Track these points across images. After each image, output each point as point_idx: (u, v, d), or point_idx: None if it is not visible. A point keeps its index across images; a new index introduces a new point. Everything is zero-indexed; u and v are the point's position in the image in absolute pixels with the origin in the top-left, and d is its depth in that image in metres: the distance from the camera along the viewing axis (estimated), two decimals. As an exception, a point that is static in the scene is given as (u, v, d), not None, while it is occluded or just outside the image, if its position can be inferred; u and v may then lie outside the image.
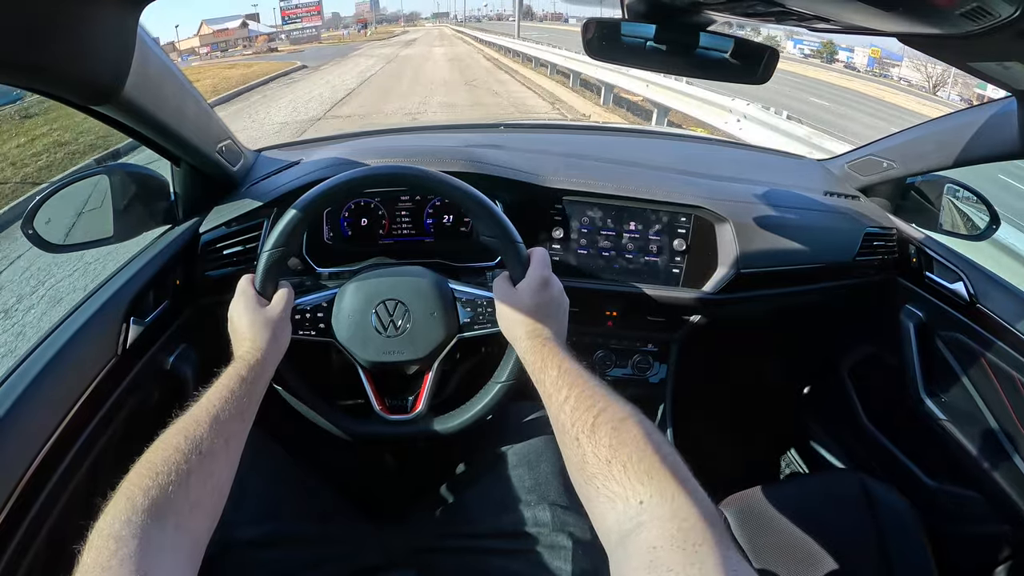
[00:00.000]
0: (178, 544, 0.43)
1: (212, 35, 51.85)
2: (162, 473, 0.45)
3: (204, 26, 52.98)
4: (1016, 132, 0.81)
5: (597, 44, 0.74)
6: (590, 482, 0.45)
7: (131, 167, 0.86)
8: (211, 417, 0.51)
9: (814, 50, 34.35)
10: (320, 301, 0.75)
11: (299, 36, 52.31)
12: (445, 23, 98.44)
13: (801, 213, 1.06)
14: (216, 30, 52.52)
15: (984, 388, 0.96)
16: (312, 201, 0.69)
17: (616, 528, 0.41)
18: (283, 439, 0.77)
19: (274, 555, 0.64)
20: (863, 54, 31.87)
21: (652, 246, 1.02)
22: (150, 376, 0.80)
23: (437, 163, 0.90)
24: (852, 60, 32.98)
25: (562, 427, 0.52)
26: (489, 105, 10.52)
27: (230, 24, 53.87)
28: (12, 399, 0.59)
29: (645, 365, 1.17)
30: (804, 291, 1.08)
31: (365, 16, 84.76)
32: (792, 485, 1.17)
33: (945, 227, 1.08)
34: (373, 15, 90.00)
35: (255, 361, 0.61)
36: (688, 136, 2.54)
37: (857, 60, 32.38)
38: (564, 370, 0.56)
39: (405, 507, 0.84)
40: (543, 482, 0.73)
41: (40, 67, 0.45)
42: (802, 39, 34.11)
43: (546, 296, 0.65)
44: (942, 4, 0.40)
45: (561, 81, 12.40)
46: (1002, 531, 0.96)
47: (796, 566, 0.82)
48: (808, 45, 34.45)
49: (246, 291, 0.67)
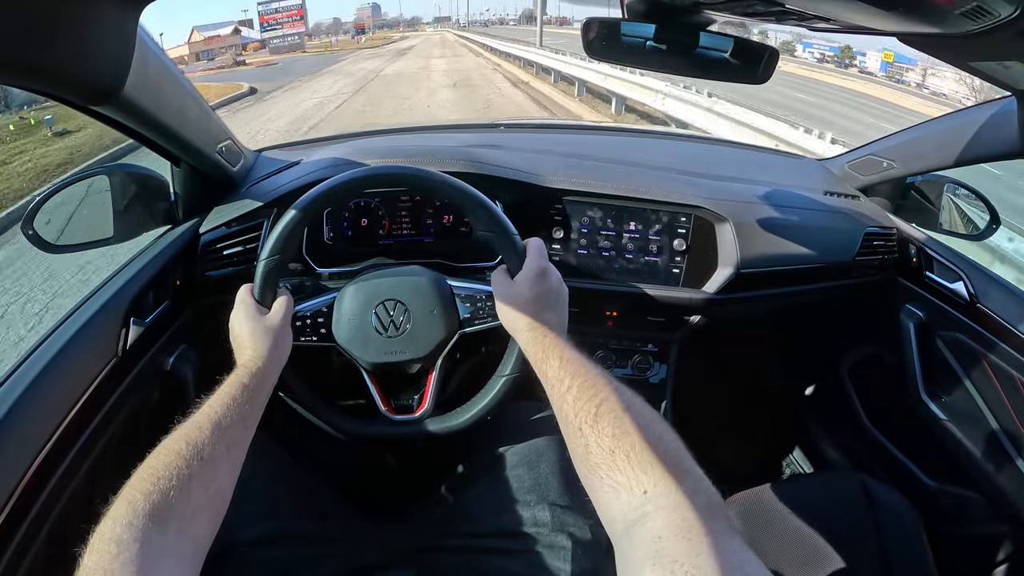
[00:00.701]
0: (179, 549, 0.43)
1: (203, 43, 47.38)
2: (164, 478, 0.45)
3: (195, 33, 49.12)
4: (1016, 132, 0.81)
5: (597, 44, 0.74)
6: (594, 472, 0.45)
7: (131, 167, 0.86)
8: (213, 423, 0.51)
9: (826, 54, 33.72)
10: (320, 306, 0.75)
11: (280, 45, 45.96)
12: (447, 28, 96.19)
13: (801, 213, 1.06)
14: (207, 37, 48.52)
15: (984, 388, 0.96)
16: (309, 204, 0.69)
17: (621, 518, 0.41)
18: (284, 439, 0.77)
19: (274, 554, 0.64)
20: (875, 58, 31.34)
21: (652, 246, 1.02)
22: (150, 377, 0.80)
23: (437, 163, 0.90)
24: (864, 64, 32.37)
25: (565, 417, 0.52)
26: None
27: (222, 31, 49.93)
28: (12, 400, 0.59)
29: (645, 365, 1.17)
30: (804, 291, 1.08)
31: (364, 21, 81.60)
32: (792, 485, 1.17)
33: (945, 227, 1.08)
34: (371, 20, 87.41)
35: (257, 369, 0.60)
36: (688, 136, 2.54)
37: (870, 64, 31.79)
38: (566, 360, 0.56)
39: (405, 506, 0.84)
40: (543, 482, 0.72)
41: (40, 67, 0.45)
42: (811, 42, 33.61)
43: (544, 286, 0.65)
44: (942, 3, 0.40)
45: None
46: (1002, 531, 0.96)
47: (796, 566, 0.82)
48: (819, 49, 33.83)
49: (245, 300, 0.67)
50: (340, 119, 10.38)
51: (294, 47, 45.65)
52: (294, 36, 48.92)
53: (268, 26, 50.88)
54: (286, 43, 46.86)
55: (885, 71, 28.88)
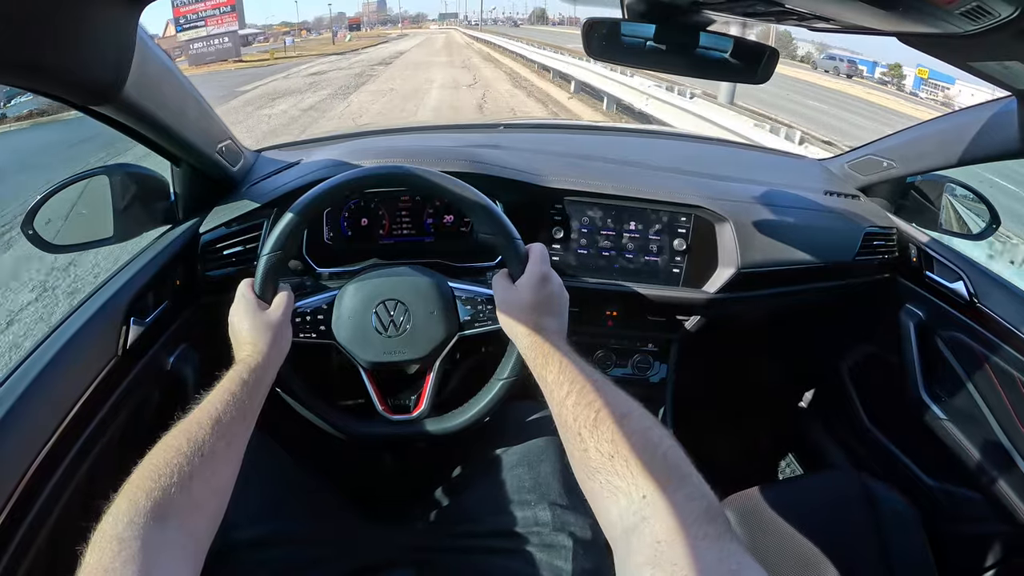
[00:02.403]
0: (180, 545, 0.43)
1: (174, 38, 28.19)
2: (164, 475, 0.45)
3: (169, 26, 30.04)
4: (1016, 132, 0.81)
5: (597, 44, 0.74)
6: (593, 477, 0.46)
7: (131, 167, 0.86)
8: (213, 419, 0.51)
9: (884, 72, 32.16)
10: (320, 303, 0.75)
11: (204, 51, 26.87)
12: (454, 26, 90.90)
13: (801, 213, 1.06)
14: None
15: (984, 387, 0.96)
16: (309, 203, 0.69)
17: (620, 523, 0.42)
18: (283, 439, 0.77)
19: (274, 554, 0.64)
20: (910, 75, 30.35)
21: (652, 246, 1.02)
22: (150, 376, 0.80)
23: (437, 163, 0.90)
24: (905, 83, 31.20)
25: (564, 422, 0.52)
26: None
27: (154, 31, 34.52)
28: (13, 399, 0.59)
29: (645, 365, 1.17)
30: (804, 291, 1.08)
31: (359, 17, 77.60)
32: (792, 485, 1.17)
33: (945, 226, 1.08)
34: (361, 18, 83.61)
35: (256, 364, 0.61)
36: (688, 136, 2.54)
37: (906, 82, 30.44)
38: (565, 365, 0.56)
39: (405, 506, 0.84)
40: (543, 482, 0.73)
41: (40, 67, 0.45)
42: (861, 57, 31.90)
43: (546, 292, 0.65)
44: (942, 3, 0.40)
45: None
46: (1002, 531, 0.96)
47: (796, 566, 0.82)
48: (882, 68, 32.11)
49: (246, 295, 0.67)
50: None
51: (223, 54, 27.53)
52: (222, 38, 28.00)
53: (186, 22, 28.55)
54: (212, 49, 27.57)
55: (919, 88, 28.11)
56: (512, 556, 0.67)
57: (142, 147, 0.79)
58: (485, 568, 0.68)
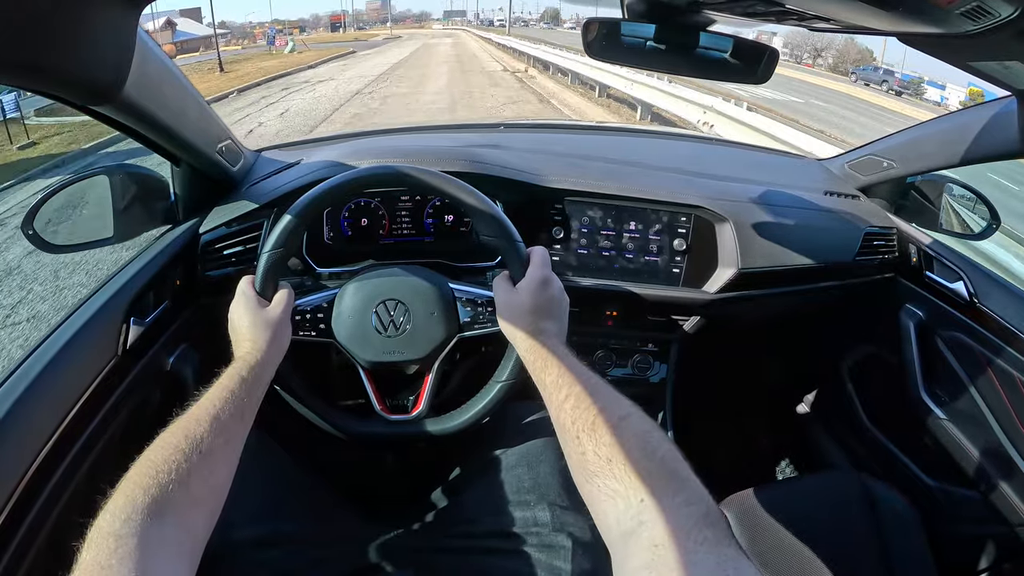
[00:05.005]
0: (177, 542, 0.43)
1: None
2: (162, 472, 0.45)
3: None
4: (1016, 132, 0.81)
5: (597, 44, 0.74)
6: (591, 480, 0.46)
7: (131, 167, 0.86)
8: (211, 417, 0.51)
9: (962, 101, 29.79)
10: (320, 302, 0.75)
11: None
12: (461, 25, 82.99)
13: (801, 213, 1.06)
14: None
15: (984, 387, 0.96)
16: (311, 202, 0.69)
17: (617, 526, 0.42)
18: (283, 439, 0.77)
19: (273, 554, 0.64)
20: (959, 93, 28.60)
21: (652, 246, 1.02)
22: (150, 376, 0.80)
23: (437, 163, 0.90)
24: (946, 100, 28.74)
25: (563, 426, 0.52)
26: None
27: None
28: (12, 399, 0.59)
29: (645, 365, 1.17)
30: (804, 291, 1.08)
31: (341, 15, 72.59)
32: (792, 485, 1.17)
33: (945, 226, 1.08)
34: (355, 16, 79.53)
35: (255, 362, 0.61)
36: (688, 136, 2.54)
37: (951, 101, 28.76)
38: (564, 369, 0.56)
39: (404, 507, 0.84)
40: (543, 482, 0.72)
41: (40, 67, 0.45)
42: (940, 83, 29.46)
43: (546, 295, 0.65)
44: (942, 3, 0.40)
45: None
46: (1002, 531, 0.96)
47: (796, 566, 0.82)
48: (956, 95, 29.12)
49: (246, 292, 0.67)
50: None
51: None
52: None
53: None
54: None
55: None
56: (511, 556, 0.67)
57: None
58: (484, 568, 0.68)
